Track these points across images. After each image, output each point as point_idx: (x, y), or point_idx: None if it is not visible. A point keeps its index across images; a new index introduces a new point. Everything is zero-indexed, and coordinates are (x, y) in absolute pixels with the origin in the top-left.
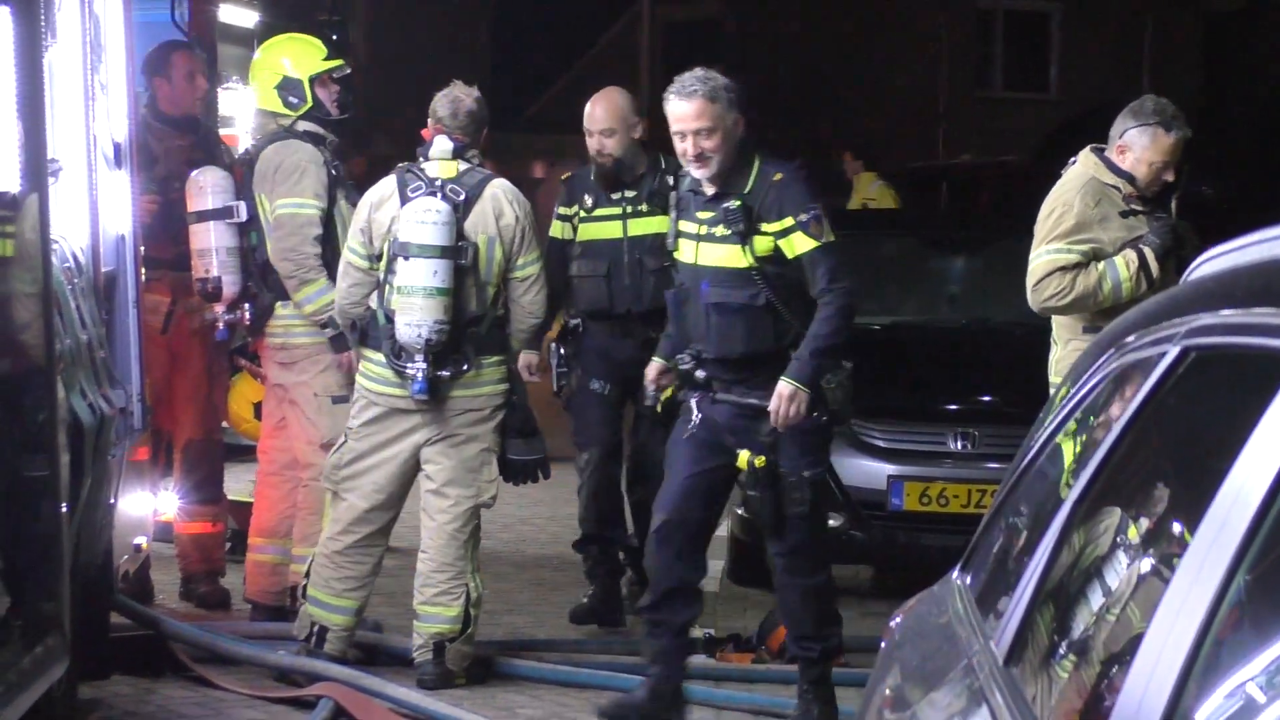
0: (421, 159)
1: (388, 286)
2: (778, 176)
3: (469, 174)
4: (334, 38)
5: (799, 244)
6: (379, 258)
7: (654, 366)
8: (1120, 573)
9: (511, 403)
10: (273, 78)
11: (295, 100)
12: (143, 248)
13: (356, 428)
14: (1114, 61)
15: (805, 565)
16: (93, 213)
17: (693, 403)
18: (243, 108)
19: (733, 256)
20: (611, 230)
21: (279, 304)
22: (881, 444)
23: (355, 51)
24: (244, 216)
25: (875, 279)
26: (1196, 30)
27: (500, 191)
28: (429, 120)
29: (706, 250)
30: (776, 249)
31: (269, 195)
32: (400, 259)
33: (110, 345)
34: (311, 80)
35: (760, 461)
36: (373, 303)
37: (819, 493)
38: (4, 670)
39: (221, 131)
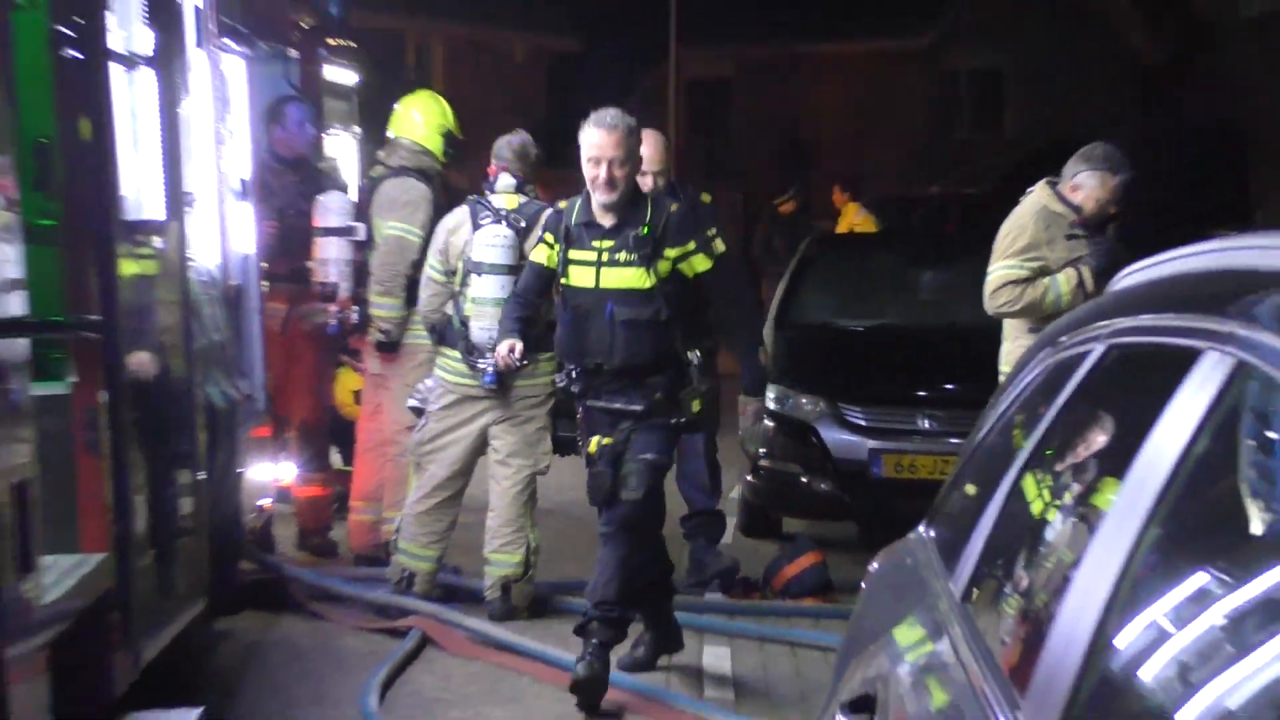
0: (488, 192)
1: (462, 297)
2: (674, 207)
3: (528, 205)
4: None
5: (699, 264)
6: (453, 273)
7: (506, 344)
8: (1055, 527)
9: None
10: (441, 126)
11: (450, 150)
12: (264, 265)
13: (436, 411)
14: (1059, 108)
15: (627, 541)
16: (222, 236)
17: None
18: (344, 150)
19: (637, 278)
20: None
21: None
22: (864, 423)
23: None
24: (363, 236)
25: (859, 289)
26: (1130, 80)
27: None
28: (492, 160)
29: (609, 274)
30: (675, 270)
31: (384, 219)
32: (474, 275)
33: (237, 344)
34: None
35: (608, 440)
36: (449, 309)
37: (657, 479)
38: (154, 607)
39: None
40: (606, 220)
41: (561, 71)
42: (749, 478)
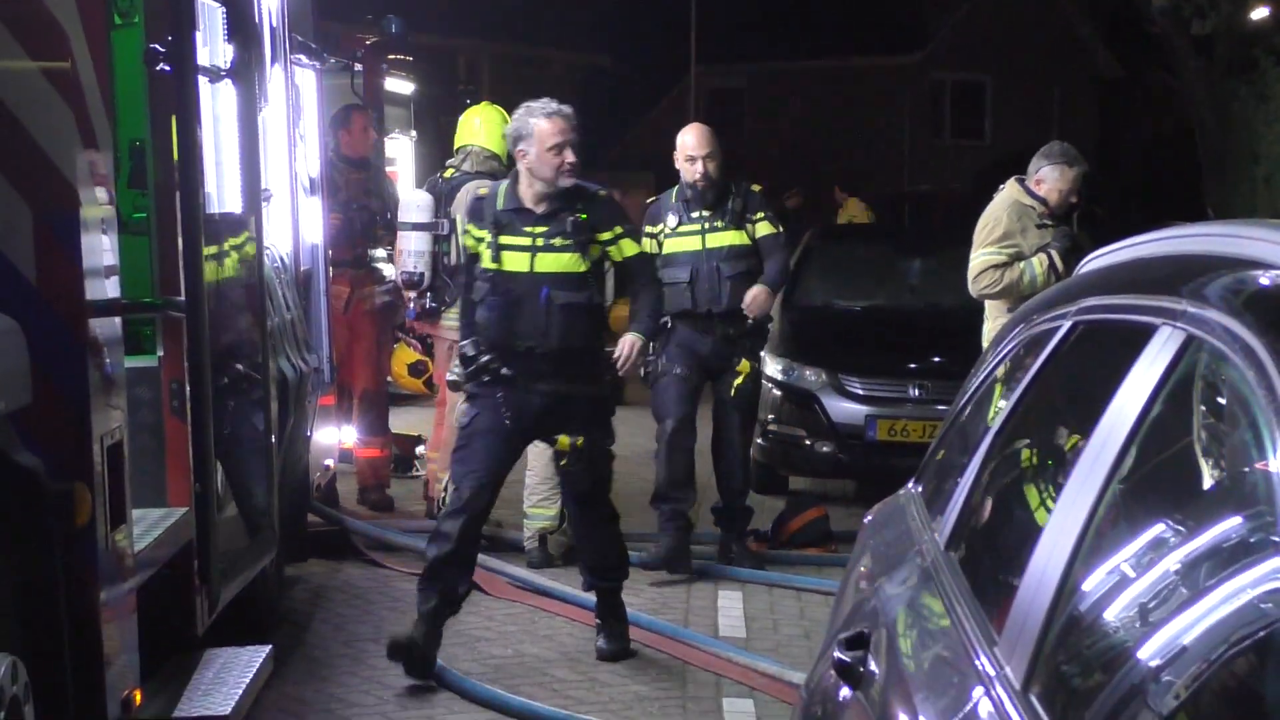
0: None
1: None
2: (603, 193)
3: None
4: (468, 102)
5: (627, 248)
6: None
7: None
8: (1028, 483)
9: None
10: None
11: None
12: (330, 252)
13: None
14: (1031, 116)
15: (608, 510)
16: (294, 227)
17: (499, 397)
18: (403, 153)
19: (572, 263)
20: (693, 244)
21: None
22: (861, 392)
23: None
24: (446, 231)
25: (857, 274)
26: (1092, 92)
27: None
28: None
29: (544, 259)
30: (603, 254)
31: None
32: None
33: (306, 323)
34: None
35: (580, 441)
36: None
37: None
38: (230, 555)
39: (387, 169)
40: (540, 207)
41: (594, 84)
42: (759, 440)
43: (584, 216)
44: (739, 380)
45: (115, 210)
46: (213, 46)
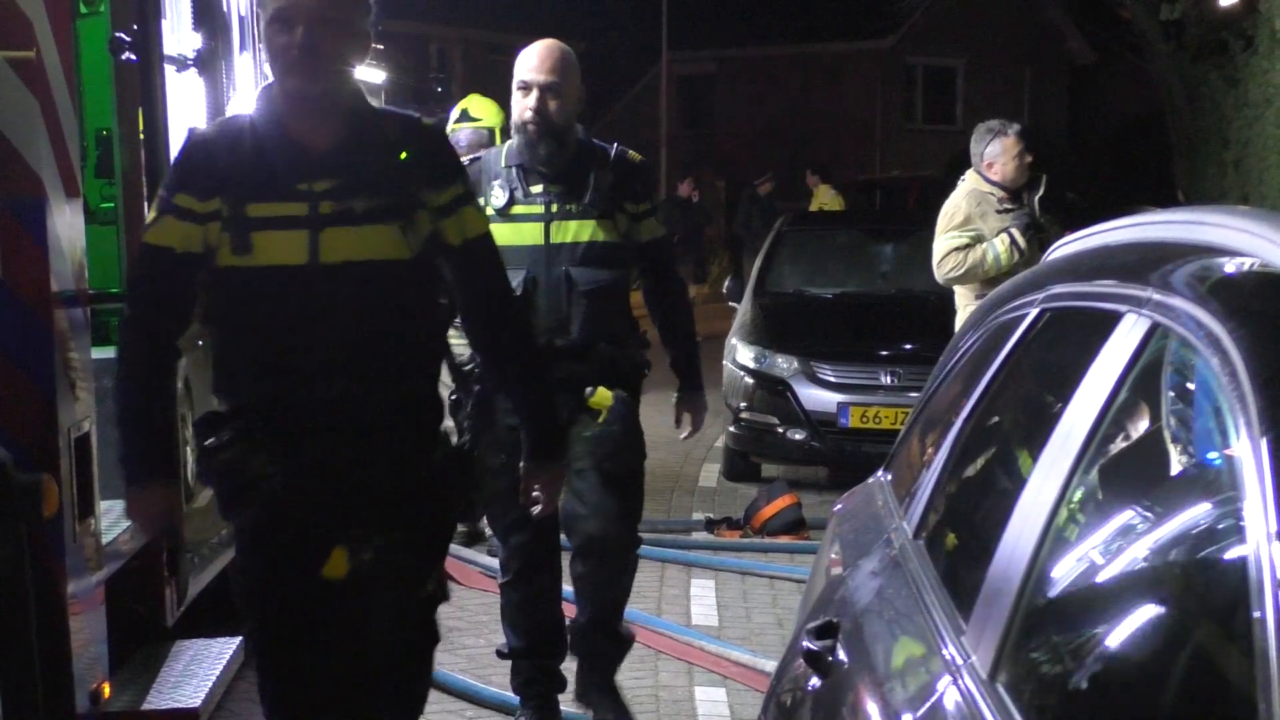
0: None
1: None
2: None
3: None
4: (439, 90)
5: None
6: None
7: None
8: (996, 470)
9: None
10: (499, 123)
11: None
12: None
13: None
14: (1003, 100)
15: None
16: None
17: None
18: None
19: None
20: (529, 234)
21: None
22: (833, 379)
23: (455, 101)
24: None
25: (828, 261)
26: (1063, 76)
27: None
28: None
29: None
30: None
31: None
32: None
33: None
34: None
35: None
36: None
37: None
38: (203, 544)
39: None
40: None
41: None
42: (731, 428)
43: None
44: (600, 419)
45: (82, 200)
46: (180, 35)
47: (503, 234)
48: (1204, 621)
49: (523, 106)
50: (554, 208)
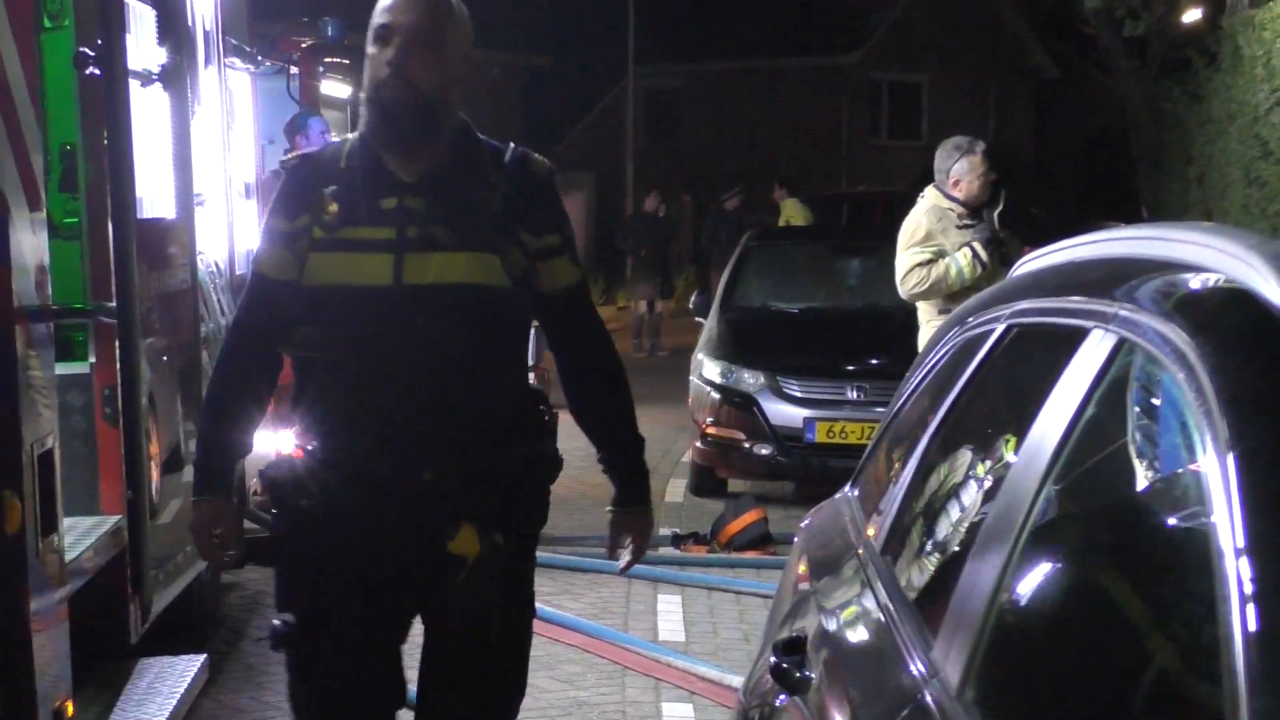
0: None
1: None
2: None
3: None
4: None
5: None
6: None
7: None
8: (963, 485)
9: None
10: None
11: None
12: None
13: None
14: (968, 116)
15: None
16: (229, 232)
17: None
18: None
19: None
20: (373, 269)
21: None
22: (799, 394)
23: None
24: None
25: (795, 276)
26: (1028, 92)
27: None
28: None
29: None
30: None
31: None
32: None
33: None
34: None
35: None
36: None
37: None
38: (164, 563)
39: None
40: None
41: (534, 85)
42: (697, 443)
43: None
44: (461, 579)
45: (46, 214)
46: (144, 50)
47: (329, 268)
48: (1174, 636)
49: (378, 63)
50: (411, 231)
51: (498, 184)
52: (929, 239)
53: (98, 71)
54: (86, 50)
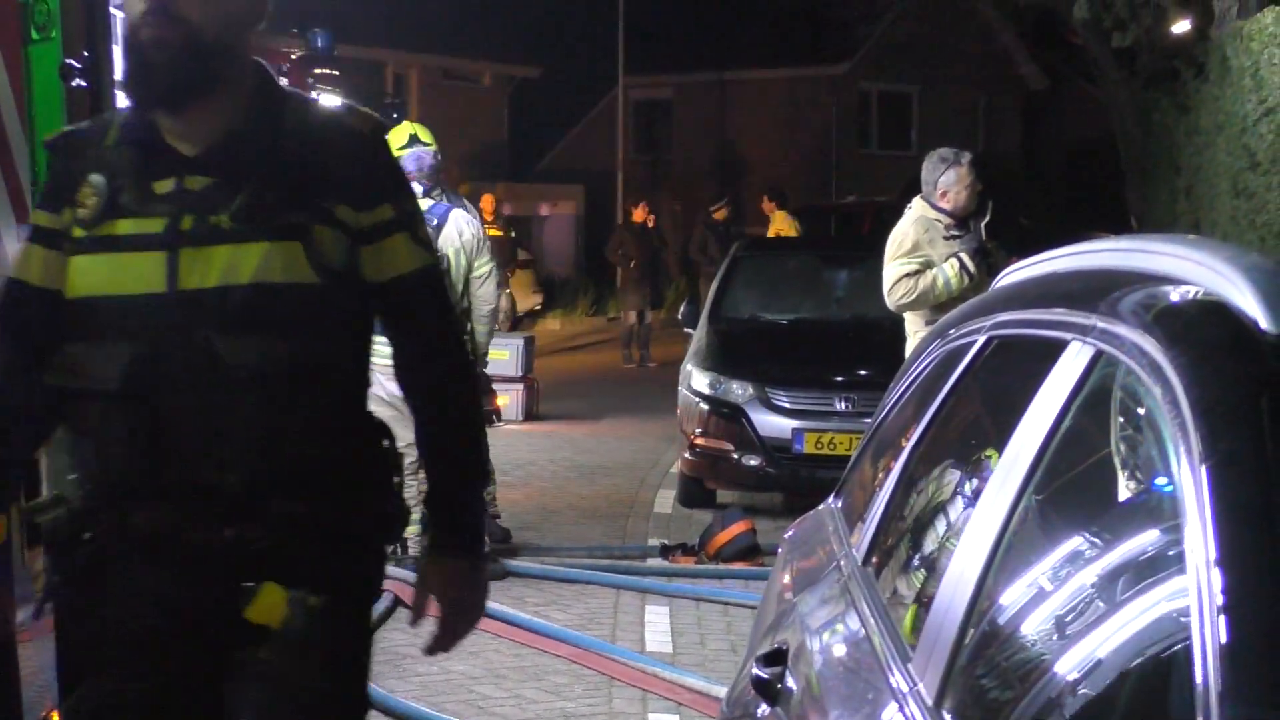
0: None
1: None
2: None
3: (435, 206)
4: (394, 115)
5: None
6: None
7: None
8: (943, 497)
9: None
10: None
11: None
12: None
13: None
14: (957, 126)
15: None
16: None
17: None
18: None
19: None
20: (141, 273)
21: None
22: (787, 405)
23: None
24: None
25: (784, 287)
26: (1017, 102)
27: (458, 216)
28: None
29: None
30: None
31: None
32: None
33: None
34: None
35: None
36: None
37: None
38: None
39: None
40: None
41: (523, 96)
42: (686, 454)
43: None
44: (264, 655)
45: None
46: None
47: (89, 274)
48: (1151, 650)
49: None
50: (186, 221)
51: (306, 148)
52: (916, 250)
53: (84, 83)
54: (73, 62)
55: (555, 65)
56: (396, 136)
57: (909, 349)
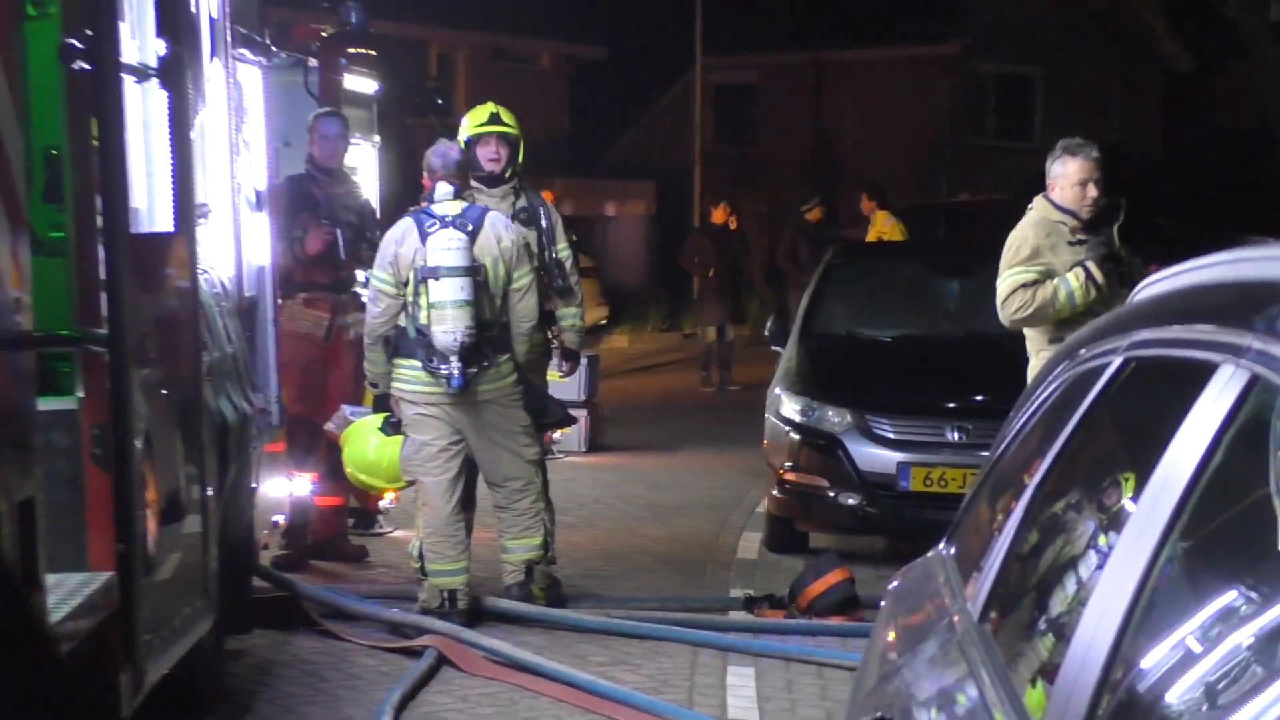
0: (426, 202)
1: (416, 306)
2: None
3: (470, 209)
4: (439, 102)
5: None
6: (405, 284)
7: None
8: (1073, 544)
9: (526, 387)
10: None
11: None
12: (307, 273)
13: (409, 424)
14: (1088, 114)
15: None
16: (236, 247)
17: None
18: (364, 162)
19: None
20: None
21: None
22: (892, 435)
23: (456, 113)
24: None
25: (886, 298)
26: (1157, 86)
27: (496, 221)
28: (425, 172)
29: None
30: None
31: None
32: (431, 280)
33: (251, 357)
34: (468, 142)
35: None
36: (402, 320)
37: None
38: (161, 625)
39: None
40: None
41: (586, 79)
42: (774, 491)
43: None
44: None
45: (29, 228)
46: (141, 40)
47: None
48: None
49: None
50: None
51: None
52: (1035, 256)
53: (87, 65)
54: (74, 41)
55: (623, 44)
56: (475, 116)
57: (1031, 371)
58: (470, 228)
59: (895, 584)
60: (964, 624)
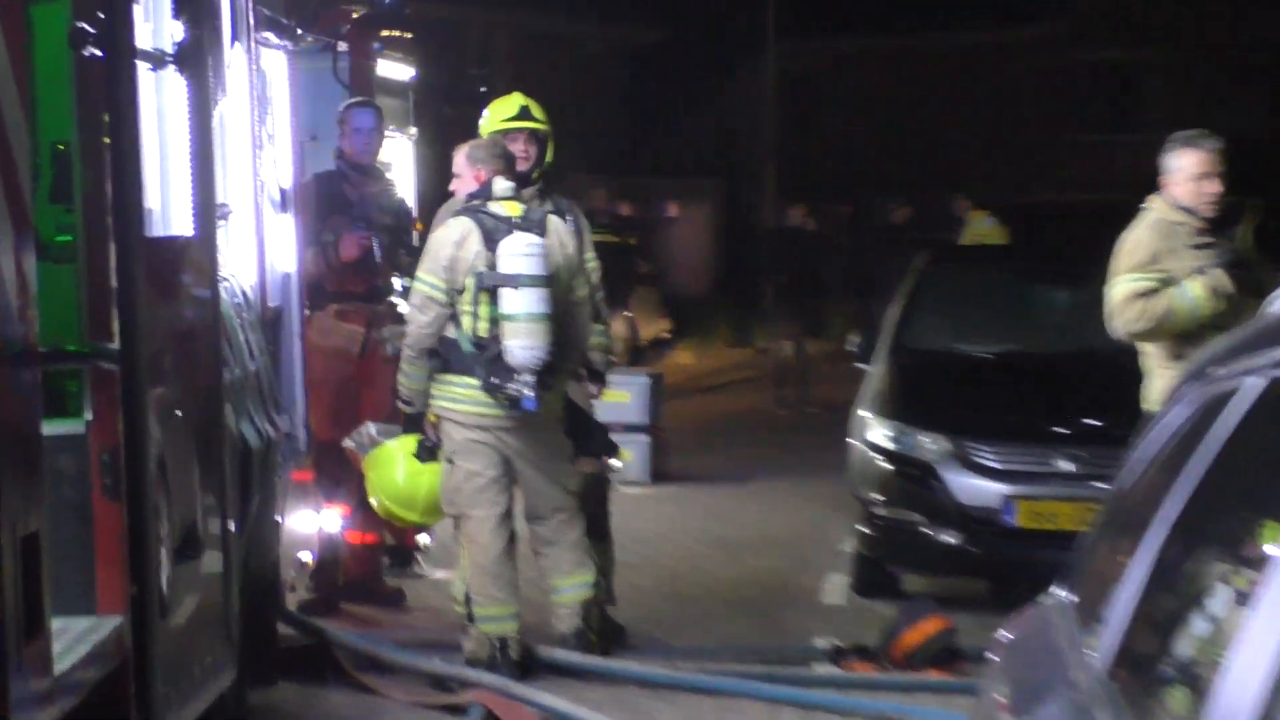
0: (481, 199)
1: (474, 315)
2: None
3: (531, 211)
4: (482, 90)
5: None
6: (460, 291)
7: None
8: (1214, 588)
9: (571, 411)
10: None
11: None
12: (339, 281)
13: (456, 448)
14: (1208, 104)
15: None
16: (260, 253)
17: None
18: (400, 155)
19: None
20: None
21: None
22: (995, 465)
23: None
24: None
25: (985, 310)
26: None
27: (558, 225)
28: (471, 166)
29: None
30: None
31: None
32: (508, 289)
33: (276, 375)
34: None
35: None
36: (450, 332)
37: None
38: (178, 677)
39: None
40: None
41: (644, 66)
42: (862, 528)
43: None
44: None
45: (34, 232)
46: (156, 24)
47: None
48: None
49: None
50: None
51: None
52: (1152, 261)
53: (98, 52)
54: (85, 26)
55: (685, 27)
56: (502, 109)
57: (1149, 390)
58: (538, 231)
59: (1006, 634)
60: (1089, 682)
